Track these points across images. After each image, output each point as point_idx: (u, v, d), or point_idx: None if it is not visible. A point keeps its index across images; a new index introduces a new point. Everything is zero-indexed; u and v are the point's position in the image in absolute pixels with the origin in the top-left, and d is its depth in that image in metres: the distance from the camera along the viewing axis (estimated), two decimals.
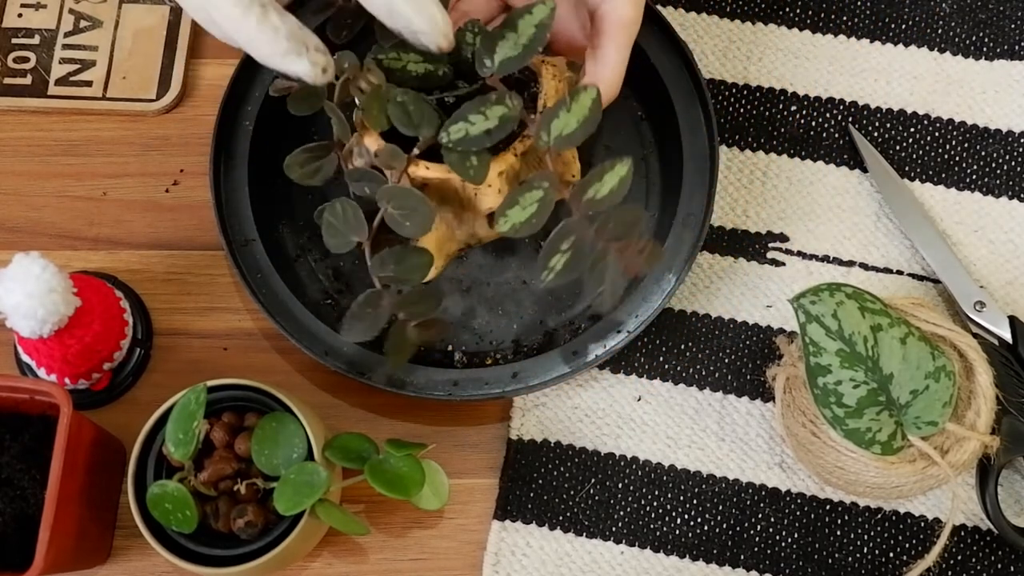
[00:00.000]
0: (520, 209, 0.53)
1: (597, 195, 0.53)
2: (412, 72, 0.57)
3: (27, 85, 0.72)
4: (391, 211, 0.54)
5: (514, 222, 0.53)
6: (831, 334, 0.60)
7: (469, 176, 0.55)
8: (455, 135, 0.54)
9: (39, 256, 0.58)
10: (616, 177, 0.53)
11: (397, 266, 0.55)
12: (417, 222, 0.54)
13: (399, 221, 0.54)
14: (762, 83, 0.73)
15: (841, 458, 0.61)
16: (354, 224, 0.55)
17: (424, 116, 0.55)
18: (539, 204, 0.53)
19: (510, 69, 0.55)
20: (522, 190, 0.53)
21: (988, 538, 0.64)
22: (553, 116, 0.53)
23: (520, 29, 0.54)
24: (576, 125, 0.54)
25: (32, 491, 0.59)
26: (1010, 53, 0.73)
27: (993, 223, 0.70)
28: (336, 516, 0.58)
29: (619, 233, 0.53)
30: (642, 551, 0.64)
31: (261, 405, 0.60)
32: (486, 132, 0.54)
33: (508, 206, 0.53)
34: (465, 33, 0.57)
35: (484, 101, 0.53)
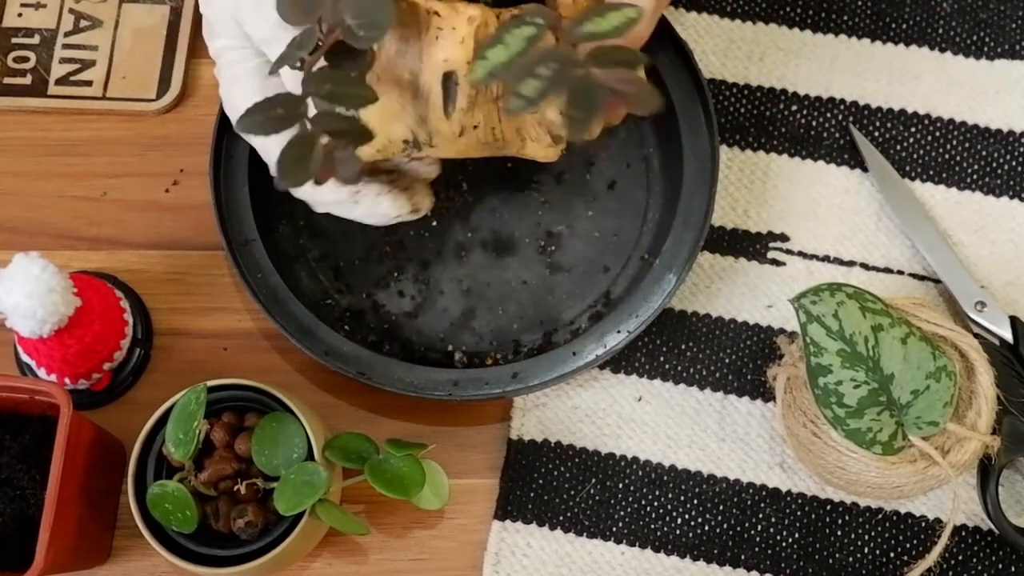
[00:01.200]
0: (503, 49, 0.45)
1: (597, 29, 0.45)
2: None
3: (27, 85, 0.72)
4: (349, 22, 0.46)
5: (494, 63, 0.45)
6: (832, 334, 0.60)
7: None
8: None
9: (39, 256, 0.58)
10: (622, 16, 0.45)
11: (336, 86, 0.46)
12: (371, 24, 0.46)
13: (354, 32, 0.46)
14: (763, 83, 0.73)
15: (842, 458, 0.61)
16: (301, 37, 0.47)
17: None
18: (527, 42, 0.45)
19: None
20: (509, 25, 0.45)
21: (989, 538, 0.64)
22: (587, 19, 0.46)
23: None
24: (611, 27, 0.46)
25: (32, 491, 0.59)
26: (1011, 53, 0.73)
27: (994, 223, 0.70)
28: (336, 516, 0.58)
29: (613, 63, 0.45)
30: (643, 551, 0.64)
31: (261, 405, 0.60)
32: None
33: (490, 45, 0.45)
34: None
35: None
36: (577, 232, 0.68)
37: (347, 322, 0.66)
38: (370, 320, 0.67)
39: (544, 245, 0.68)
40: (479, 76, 0.45)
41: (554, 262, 0.68)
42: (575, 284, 0.68)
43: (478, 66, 0.45)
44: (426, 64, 0.50)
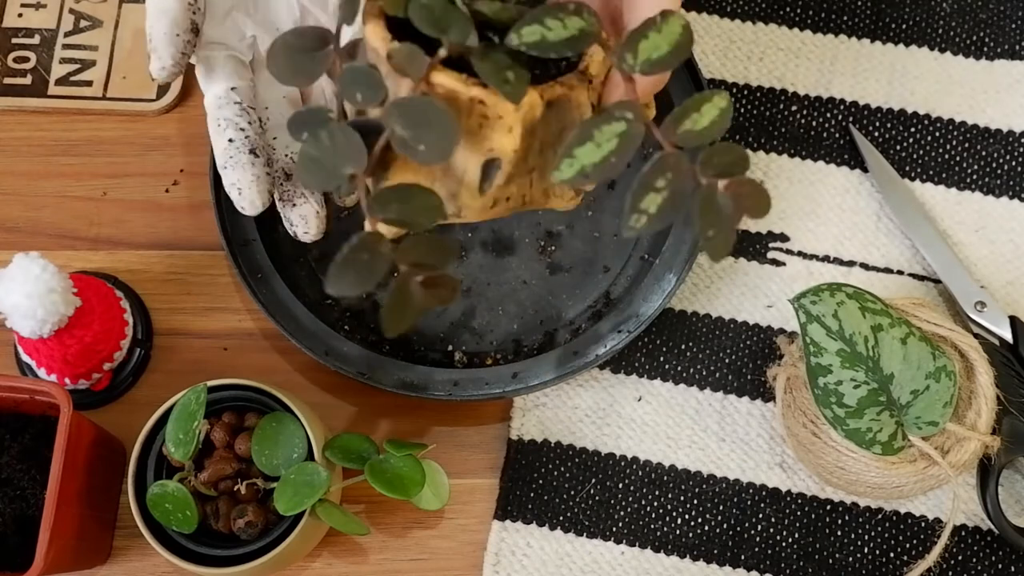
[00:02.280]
0: (594, 147, 0.43)
1: (695, 127, 0.44)
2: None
3: (27, 85, 0.72)
4: (400, 132, 0.44)
5: (584, 164, 0.43)
6: (832, 334, 0.60)
7: (506, 91, 0.45)
8: (528, 37, 0.44)
9: (39, 256, 0.58)
10: (716, 108, 0.44)
11: (402, 205, 0.44)
12: (435, 143, 0.43)
13: (410, 144, 0.44)
14: (763, 83, 0.73)
15: (842, 458, 0.61)
16: (348, 150, 0.44)
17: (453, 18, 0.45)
18: (620, 139, 0.43)
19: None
20: (596, 122, 0.43)
21: (989, 538, 0.64)
22: (641, 36, 0.45)
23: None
24: (668, 48, 0.45)
25: (32, 491, 0.59)
26: (1011, 53, 0.73)
27: (994, 223, 0.70)
28: (336, 516, 0.58)
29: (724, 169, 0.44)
30: (642, 551, 0.64)
31: (261, 405, 0.60)
32: (564, 40, 0.45)
33: (577, 143, 0.43)
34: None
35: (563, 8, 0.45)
36: (577, 232, 0.68)
37: (347, 322, 0.66)
38: (370, 320, 0.67)
39: (544, 245, 0.68)
40: (567, 177, 0.43)
41: (554, 262, 0.68)
42: (575, 284, 0.68)
43: (565, 166, 0.43)
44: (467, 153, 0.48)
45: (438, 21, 0.45)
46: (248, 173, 0.57)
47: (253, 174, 0.57)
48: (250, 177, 0.57)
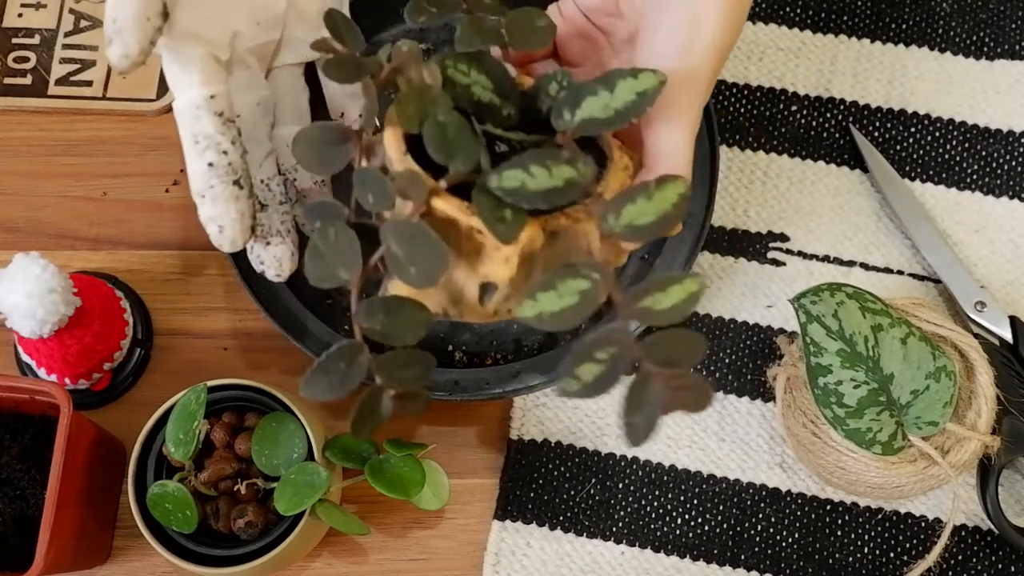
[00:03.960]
0: (555, 296, 0.43)
1: (656, 306, 0.43)
2: (475, 96, 0.50)
3: (27, 85, 0.72)
4: (395, 250, 0.45)
5: (543, 310, 0.43)
6: (832, 334, 0.60)
7: (499, 232, 0.45)
8: (507, 183, 0.44)
9: (39, 256, 0.58)
10: (685, 292, 0.43)
11: (388, 318, 0.46)
12: (425, 269, 0.44)
13: (402, 264, 0.45)
14: (762, 83, 0.73)
15: (842, 458, 0.61)
16: (346, 255, 0.46)
17: (463, 146, 0.45)
18: (580, 297, 0.43)
19: (591, 131, 0.47)
20: (563, 274, 0.43)
21: (989, 538, 0.64)
22: (629, 200, 0.44)
23: (617, 91, 0.46)
24: (653, 218, 0.44)
25: (32, 491, 0.59)
26: (1011, 53, 0.73)
27: (994, 223, 0.70)
28: (336, 516, 0.58)
29: (671, 359, 0.43)
30: (642, 551, 0.64)
31: (261, 405, 0.60)
32: (545, 191, 0.44)
33: (542, 288, 0.43)
34: (550, 81, 0.50)
35: (553, 155, 0.45)
36: None
37: (347, 322, 0.66)
38: None
39: None
40: (526, 315, 0.43)
41: None
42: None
43: (527, 305, 0.43)
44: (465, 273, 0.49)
45: (448, 146, 0.45)
46: (232, 209, 0.51)
47: (237, 211, 0.51)
48: (234, 214, 0.51)
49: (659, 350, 0.43)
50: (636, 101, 0.46)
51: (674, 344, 0.43)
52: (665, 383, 0.42)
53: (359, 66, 0.49)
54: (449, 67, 0.49)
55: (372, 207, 0.47)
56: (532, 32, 0.51)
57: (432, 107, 0.47)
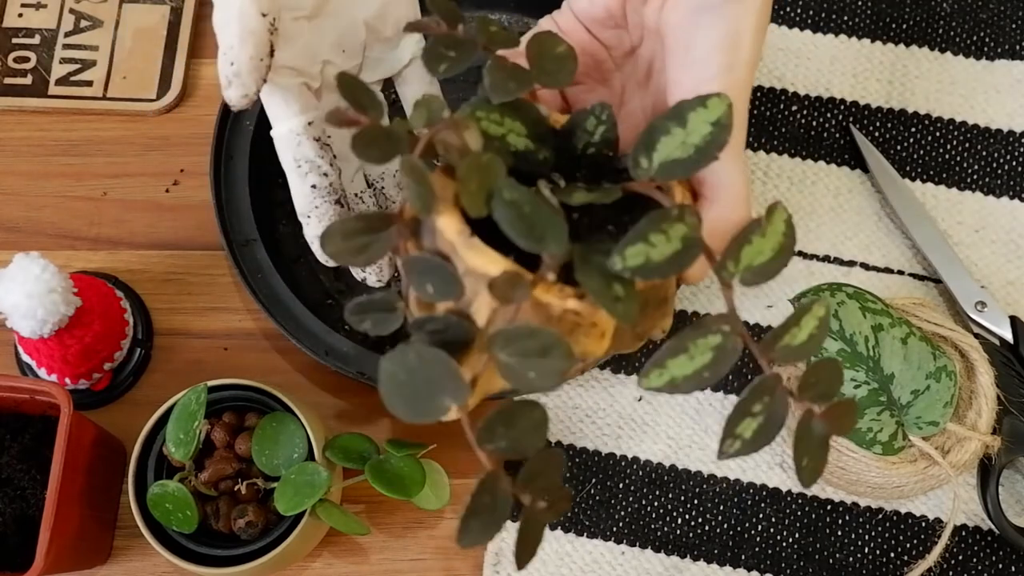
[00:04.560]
0: (687, 360, 0.40)
1: (793, 342, 0.42)
2: (511, 146, 0.47)
3: (27, 85, 0.72)
4: (506, 359, 0.40)
5: (675, 375, 0.40)
6: (832, 334, 0.60)
7: (618, 312, 0.42)
8: (632, 260, 0.40)
9: (39, 256, 0.58)
10: (814, 319, 0.42)
11: (509, 431, 0.41)
12: (549, 371, 0.40)
13: (518, 372, 0.40)
14: (763, 83, 0.73)
15: (842, 458, 0.61)
16: (444, 381, 0.40)
17: (549, 224, 0.41)
18: (715, 353, 0.41)
19: (675, 175, 0.44)
20: (691, 335, 0.41)
21: (989, 538, 0.64)
22: (744, 241, 0.42)
23: (691, 124, 0.43)
24: (771, 254, 0.42)
25: (32, 491, 0.59)
26: (1011, 53, 0.73)
27: (994, 223, 0.70)
28: (336, 516, 0.58)
29: (822, 392, 0.41)
30: (643, 551, 0.64)
31: (262, 405, 0.60)
32: (669, 257, 0.41)
33: (671, 355, 0.40)
34: (588, 117, 0.48)
35: (664, 217, 0.41)
36: None
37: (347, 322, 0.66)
38: None
39: None
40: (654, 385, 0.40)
41: None
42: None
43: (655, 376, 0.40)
44: None
45: (532, 229, 0.41)
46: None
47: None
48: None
49: (810, 388, 0.41)
50: (714, 132, 0.43)
51: (819, 374, 0.42)
52: (824, 416, 0.41)
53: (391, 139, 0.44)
54: (482, 119, 0.46)
55: (433, 298, 0.43)
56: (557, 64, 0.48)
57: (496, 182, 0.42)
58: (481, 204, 0.42)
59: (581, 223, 0.46)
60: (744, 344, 0.41)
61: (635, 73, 0.54)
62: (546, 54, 0.48)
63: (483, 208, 0.42)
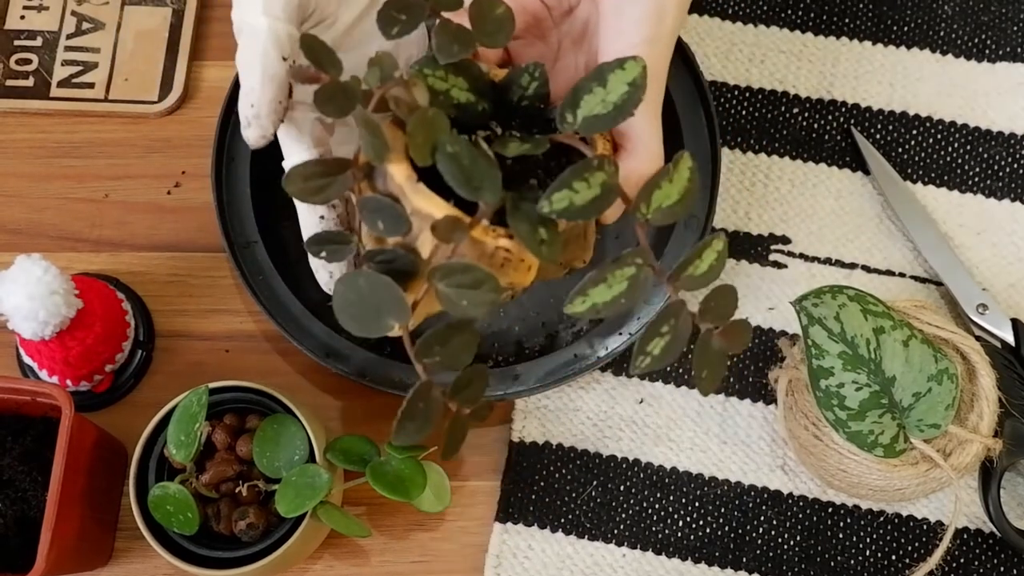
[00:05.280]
0: (606, 288, 0.46)
1: (696, 272, 0.48)
2: (454, 99, 0.51)
3: (29, 87, 0.72)
4: (444, 289, 0.46)
5: (596, 302, 0.46)
6: (833, 336, 0.60)
7: (543, 253, 0.48)
8: (558, 204, 0.46)
9: (41, 258, 0.58)
10: (714, 252, 0.48)
11: (444, 348, 0.47)
12: (478, 301, 0.46)
13: (453, 300, 0.46)
14: (764, 85, 0.73)
15: (843, 461, 0.61)
16: (390, 303, 0.46)
17: (485, 176, 0.47)
18: (629, 282, 0.47)
19: (596, 129, 0.49)
20: (610, 267, 0.46)
21: (991, 541, 0.64)
22: (654, 186, 0.47)
23: (610, 84, 0.48)
24: (677, 197, 0.48)
25: (34, 493, 0.59)
26: (1012, 55, 0.73)
27: (996, 226, 0.70)
28: (337, 518, 0.58)
29: (719, 314, 0.48)
30: (644, 554, 0.64)
31: (263, 407, 0.60)
32: (590, 202, 0.46)
33: (592, 284, 0.46)
34: (522, 74, 0.52)
35: (586, 166, 0.46)
36: None
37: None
38: None
39: None
40: (580, 311, 0.46)
41: None
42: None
43: (577, 302, 0.46)
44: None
45: (470, 179, 0.47)
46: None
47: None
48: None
49: (711, 311, 0.47)
50: (630, 91, 0.48)
51: (718, 300, 0.48)
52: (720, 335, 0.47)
53: (347, 95, 0.48)
54: (429, 76, 0.51)
55: (383, 233, 0.48)
56: (497, 25, 0.52)
57: (441, 136, 0.47)
58: (427, 155, 0.47)
59: (514, 170, 0.51)
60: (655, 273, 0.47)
61: (571, 31, 0.58)
62: (486, 16, 0.52)
63: (428, 158, 0.47)
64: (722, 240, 0.48)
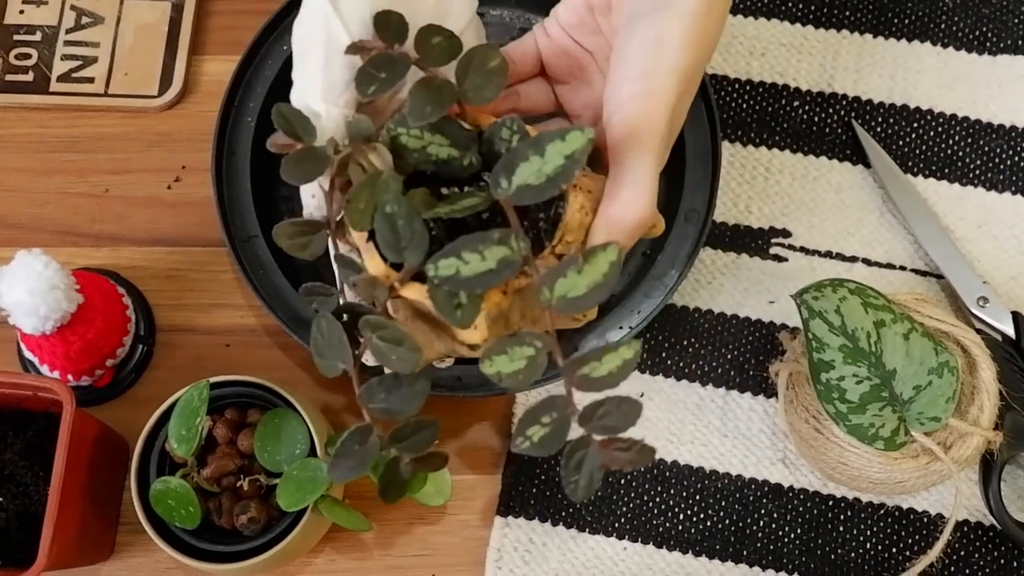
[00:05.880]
0: (508, 360, 0.46)
1: (593, 374, 0.46)
2: (432, 156, 0.50)
3: (29, 82, 0.72)
4: (375, 341, 0.47)
5: (500, 370, 0.46)
6: (834, 330, 0.60)
7: (455, 319, 0.47)
8: (443, 271, 0.45)
9: (41, 253, 0.58)
10: (619, 359, 0.45)
11: (388, 396, 0.48)
12: (404, 359, 0.47)
13: (384, 353, 0.47)
14: (765, 78, 0.73)
15: (844, 454, 0.61)
16: (338, 348, 0.48)
17: (413, 237, 0.47)
18: (527, 362, 0.46)
19: (526, 199, 0.46)
20: (512, 341, 0.46)
21: (991, 534, 0.64)
22: (559, 274, 0.45)
23: (547, 155, 0.46)
24: (585, 290, 0.45)
25: (35, 487, 0.59)
26: (1013, 48, 0.73)
27: (997, 219, 0.70)
28: (339, 512, 0.58)
29: (609, 425, 0.46)
30: (645, 547, 0.64)
31: (264, 401, 0.60)
32: (479, 275, 0.45)
33: (496, 352, 0.46)
34: (501, 128, 0.51)
35: (484, 239, 0.45)
36: None
37: None
38: None
39: None
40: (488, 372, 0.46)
41: None
42: None
43: (486, 364, 0.46)
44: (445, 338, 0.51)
45: (397, 241, 0.47)
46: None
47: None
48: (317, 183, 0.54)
49: (598, 422, 0.45)
50: (566, 164, 0.45)
51: (614, 409, 0.45)
52: (606, 447, 0.45)
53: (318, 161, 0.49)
54: (402, 135, 0.50)
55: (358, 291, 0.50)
56: (487, 78, 0.50)
57: (382, 196, 0.47)
58: (367, 221, 0.48)
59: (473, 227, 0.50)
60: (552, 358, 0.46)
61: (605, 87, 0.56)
62: (477, 68, 0.50)
63: (368, 224, 0.48)
64: (632, 349, 0.45)
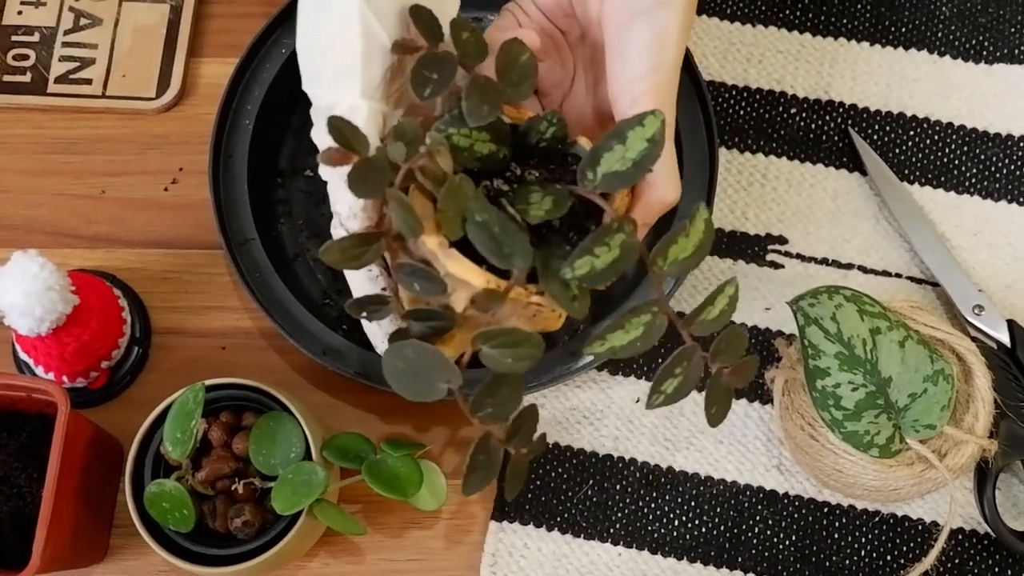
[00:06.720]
0: (623, 333, 0.49)
1: (708, 317, 0.51)
2: (477, 153, 0.53)
3: (26, 83, 0.72)
4: (488, 351, 0.49)
5: (613, 344, 0.49)
6: (830, 337, 0.60)
7: (574, 309, 0.51)
8: (580, 270, 0.48)
9: (37, 254, 0.58)
10: (725, 298, 0.51)
11: (493, 400, 0.51)
12: (522, 356, 0.49)
13: (498, 360, 0.49)
14: (762, 85, 0.73)
15: (839, 461, 0.61)
16: (441, 368, 0.49)
17: (515, 243, 0.49)
18: (646, 328, 0.49)
19: (615, 185, 0.50)
20: (629, 315, 0.49)
21: (985, 542, 0.64)
22: (671, 242, 0.49)
23: (630, 141, 0.49)
24: (691, 251, 0.50)
25: (29, 489, 0.59)
26: (1010, 57, 0.73)
27: (992, 227, 0.70)
28: (333, 516, 0.58)
29: (730, 355, 0.51)
30: (640, 553, 0.64)
31: (259, 404, 0.60)
32: (611, 264, 0.48)
33: (609, 331, 0.49)
34: (541, 121, 0.54)
35: (606, 231, 0.48)
36: None
37: (345, 322, 0.66)
38: None
39: None
40: (598, 351, 0.49)
41: None
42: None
43: (597, 344, 0.49)
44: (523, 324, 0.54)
45: (501, 248, 0.49)
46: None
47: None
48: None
49: (721, 354, 0.51)
50: (648, 147, 0.49)
51: (728, 342, 0.51)
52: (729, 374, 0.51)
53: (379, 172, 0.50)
54: (454, 136, 0.52)
55: (420, 295, 0.51)
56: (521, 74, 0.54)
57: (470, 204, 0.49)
58: (458, 228, 0.50)
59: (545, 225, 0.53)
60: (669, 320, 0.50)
61: (584, 55, 0.60)
62: (512, 64, 0.54)
63: (460, 231, 0.50)
64: (734, 285, 0.51)
